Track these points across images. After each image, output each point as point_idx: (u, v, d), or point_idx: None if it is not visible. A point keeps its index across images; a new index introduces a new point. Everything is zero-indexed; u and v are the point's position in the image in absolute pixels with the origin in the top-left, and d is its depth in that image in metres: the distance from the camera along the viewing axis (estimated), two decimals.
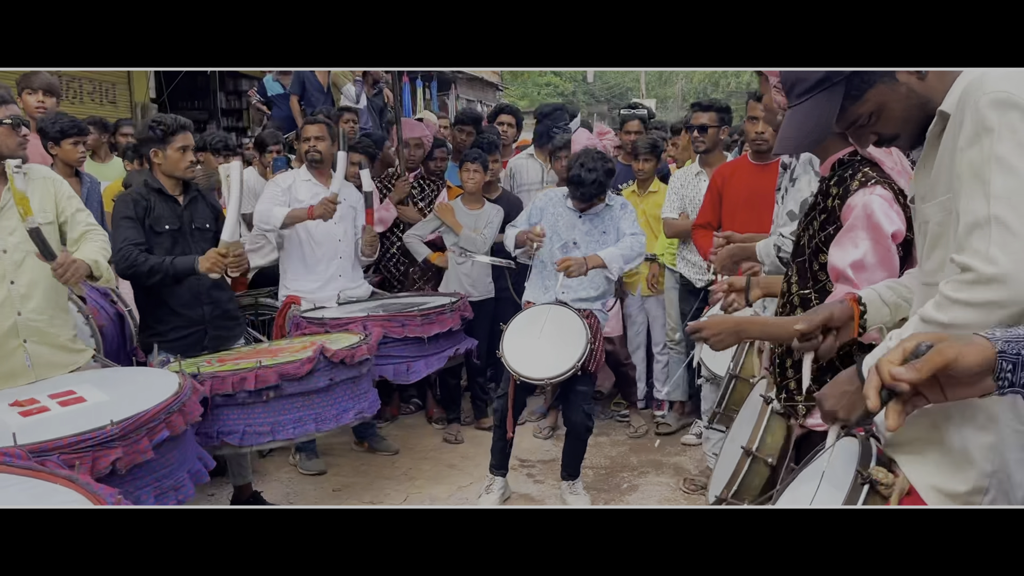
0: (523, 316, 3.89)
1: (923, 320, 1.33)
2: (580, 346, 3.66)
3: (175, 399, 2.51)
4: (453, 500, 4.05)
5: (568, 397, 3.88)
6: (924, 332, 1.25)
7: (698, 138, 4.42)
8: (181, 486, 2.51)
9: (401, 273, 5.24)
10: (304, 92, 7.33)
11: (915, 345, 1.12)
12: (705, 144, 4.41)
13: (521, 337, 3.77)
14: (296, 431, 3.11)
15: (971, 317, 1.25)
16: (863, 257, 1.93)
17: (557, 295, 3.88)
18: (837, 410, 1.49)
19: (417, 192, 5.24)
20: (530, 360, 3.68)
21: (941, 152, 1.39)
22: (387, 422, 5.18)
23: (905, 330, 1.38)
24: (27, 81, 4.48)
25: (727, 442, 2.39)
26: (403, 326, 3.89)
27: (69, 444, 2.16)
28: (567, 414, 3.92)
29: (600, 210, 4.00)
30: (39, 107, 4.39)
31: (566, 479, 3.98)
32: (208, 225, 3.58)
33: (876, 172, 2.01)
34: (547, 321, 3.79)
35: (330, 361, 3.13)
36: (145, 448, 2.33)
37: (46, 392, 2.63)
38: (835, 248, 2.00)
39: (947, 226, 1.39)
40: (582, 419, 3.85)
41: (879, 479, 1.36)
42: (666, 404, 5.04)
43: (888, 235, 1.93)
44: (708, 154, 4.44)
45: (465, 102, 15.63)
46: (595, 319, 3.91)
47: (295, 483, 4.32)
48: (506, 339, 3.77)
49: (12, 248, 2.75)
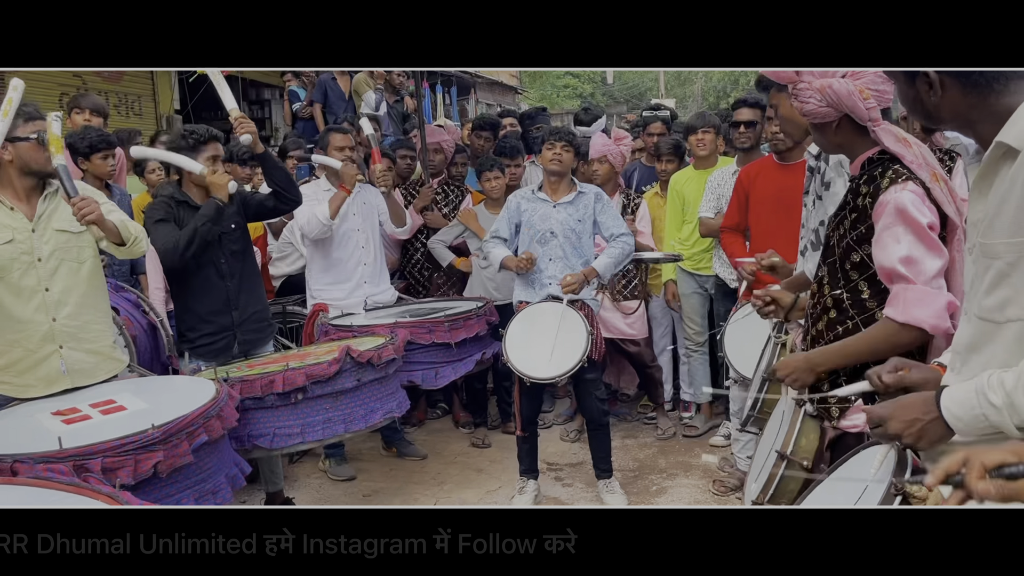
0: (520, 318, 3.89)
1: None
2: (582, 338, 3.70)
3: (213, 404, 2.57)
4: (482, 503, 4.06)
5: (579, 388, 3.94)
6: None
7: (744, 134, 4.33)
8: (219, 490, 2.56)
9: (426, 279, 5.26)
10: (326, 100, 7.39)
11: (1018, 462, 1.10)
12: (751, 140, 4.34)
13: (522, 339, 3.80)
14: (326, 432, 3.15)
15: None
16: (909, 252, 1.91)
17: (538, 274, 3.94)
18: (902, 435, 1.42)
19: (441, 198, 5.27)
20: (536, 361, 3.72)
21: (1009, 186, 1.32)
22: (414, 427, 5.20)
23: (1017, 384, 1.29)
24: (76, 101, 4.56)
25: (760, 445, 2.38)
26: (430, 332, 3.92)
27: (112, 448, 2.23)
28: (581, 405, 3.99)
29: (573, 198, 4.00)
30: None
31: (601, 477, 4.01)
32: (234, 225, 3.62)
33: (906, 169, 2.00)
34: (545, 320, 3.82)
35: (357, 362, 3.17)
36: (185, 452, 2.39)
37: (86, 402, 2.69)
38: (877, 248, 1.98)
39: (1019, 272, 1.32)
40: (596, 406, 3.90)
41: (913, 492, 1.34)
42: (693, 406, 5.02)
43: (925, 227, 1.91)
44: (751, 152, 4.36)
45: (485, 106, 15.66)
46: (589, 308, 3.94)
47: (325, 489, 4.36)
48: (508, 343, 3.79)
49: (47, 256, 2.82)
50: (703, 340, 4.80)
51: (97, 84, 7.62)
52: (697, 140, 4.66)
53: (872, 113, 2.03)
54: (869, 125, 2.04)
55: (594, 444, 4.02)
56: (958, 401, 1.36)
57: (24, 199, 2.83)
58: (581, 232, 3.97)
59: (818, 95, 2.04)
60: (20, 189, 2.82)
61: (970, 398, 1.33)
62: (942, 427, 1.37)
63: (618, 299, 4.75)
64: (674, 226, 4.79)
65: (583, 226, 3.99)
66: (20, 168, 2.79)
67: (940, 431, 1.38)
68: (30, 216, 2.82)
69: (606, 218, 4.01)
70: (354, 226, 4.38)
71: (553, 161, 3.94)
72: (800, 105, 2.09)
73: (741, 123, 4.32)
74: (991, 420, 1.30)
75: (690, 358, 4.90)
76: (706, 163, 4.68)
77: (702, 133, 4.65)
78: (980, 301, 1.40)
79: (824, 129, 2.12)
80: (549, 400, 5.04)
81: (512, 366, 3.72)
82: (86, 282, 2.90)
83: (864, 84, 2.01)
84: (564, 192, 4.01)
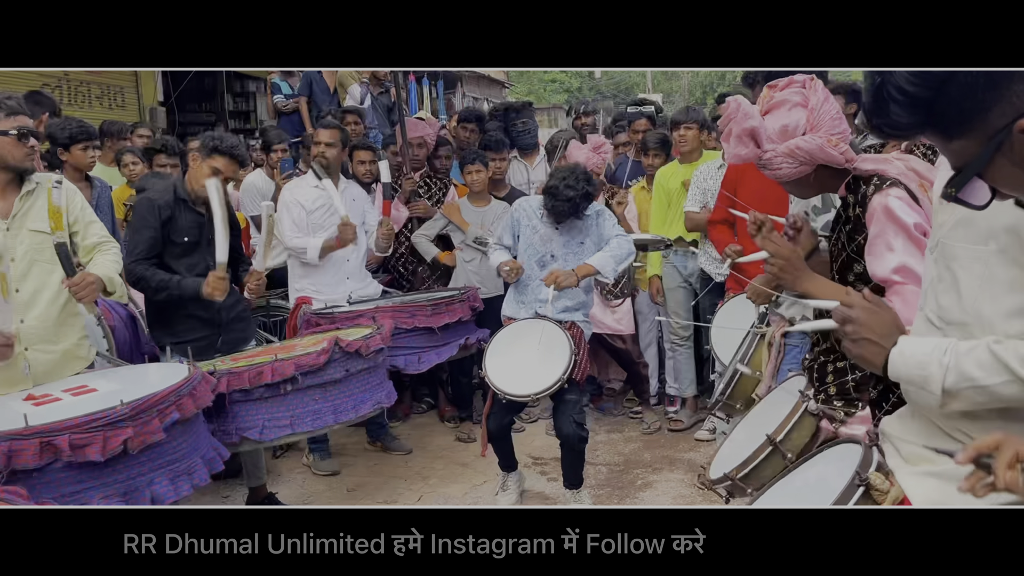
0: (504, 333, 3.81)
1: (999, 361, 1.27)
2: (564, 358, 3.59)
3: (185, 383, 2.56)
4: (467, 499, 4.06)
5: (558, 408, 3.75)
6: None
7: None
8: (195, 470, 2.54)
9: (410, 272, 5.24)
10: (312, 94, 7.34)
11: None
12: None
13: (504, 354, 3.70)
14: (315, 423, 3.13)
15: None
16: (902, 260, 1.91)
17: (539, 309, 3.81)
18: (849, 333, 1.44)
19: (424, 191, 5.24)
20: (515, 377, 3.61)
21: None
22: (399, 421, 5.18)
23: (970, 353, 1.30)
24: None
25: (743, 424, 2.37)
26: (412, 316, 3.90)
27: (80, 424, 2.21)
28: (558, 426, 3.74)
29: (576, 221, 3.90)
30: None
31: (569, 488, 3.88)
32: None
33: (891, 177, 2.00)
34: (529, 336, 3.73)
35: (345, 352, 3.14)
36: (156, 428, 2.37)
37: (59, 388, 2.68)
38: (870, 258, 1.98)
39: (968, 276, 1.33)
40: (574, 429, 3.68)
41: (875, 484, 1.38)
42: (678, 400, 5.03)
43: (912, 227, 1.91)
44: None
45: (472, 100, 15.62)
46: (578, 329, 3.84)
47: (309, 483, 4.33)
48: (489, 357, 3.70)
49: (20, 257, 2.78)
50: (688, 335, 4.81)
51: (80, 75, 7.54)
52: (680, 136, 4.66)
53: (847, 155, 2.03)
54: (847, 167, 2.05)
55: (566, 460, 3.83)
56: (914, 345, 1.38)
57: (0, 194, 2.78)
58: (581, 254, 3.87)
59: (789, 159, 2.03)
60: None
61: (926, 348, 1.36)
62: (881, 358, 1.40)
63: (608, 298, 4.75)
64: (659, 220, 4.79)
65: (585, 249, 3.89)
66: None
67: (877, 359, 1.41)
68: (5, 214, 2.77)
69: (604, 228, 3.91)
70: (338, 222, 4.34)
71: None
72: (774, 173, 2.08)
73: None
74: (927, 371, 1.33)
75: (675, 352, 4.91)
76: (690, 158, 4.68)
77: (684, 129, 4.65)
78: (938, 300, 1.41)
79: (801, 182, 2.11)
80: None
81: (489, 380, 3.61)
82: (57, 283, 2.84)
83: (826, 133, 2.02)
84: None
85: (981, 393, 1.29)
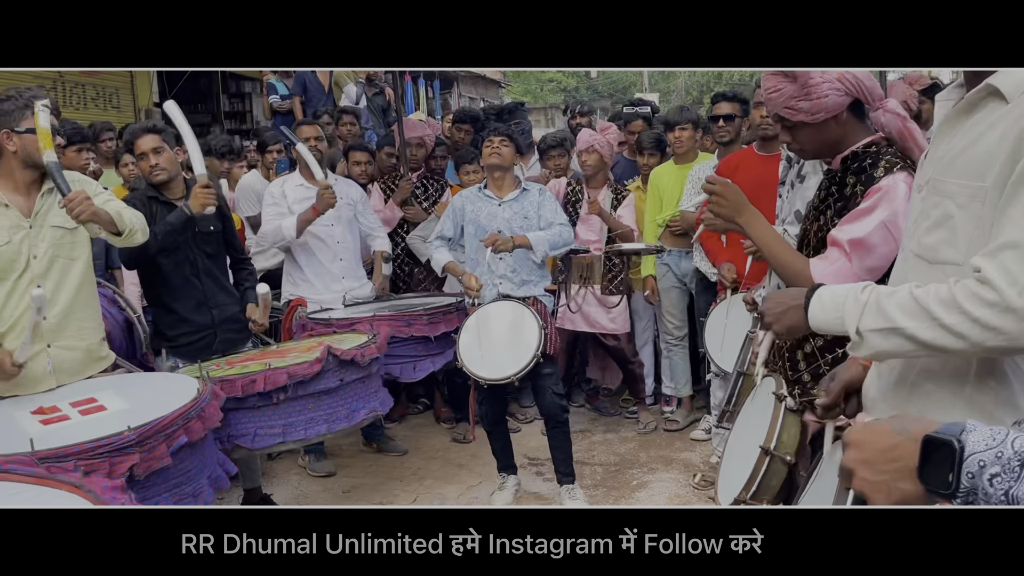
0: (471, 320, 3.82)
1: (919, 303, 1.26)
2: (534, 335, 3.64)
3: (193, 405, 2.50)
4: (463, 500, 4.06)
5: (536, 385, 3.81)
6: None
7: (723, 127, 4.32)
8: (200, 492, 2.50)
9: (406, 274, 5.23)
10: (306, 93, 7.34)
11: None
12: (730, 134, 4.33)
13: (475, 341, 3.72)
14: (308, 432, 3.10)
15: (971, 334, 1.20)
16: (864, 237, 1.92)
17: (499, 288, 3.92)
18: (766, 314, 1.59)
19: (420, 192, 5.24)
20: (490, 362, 3.63)
21: (984, 130, 1.29)
22: (395, 423, 5.18)
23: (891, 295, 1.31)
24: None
25: (732, 439, 2.37)
26: (409, 325, 3.89)
27: (86, 450, 2.17)
28: (540, 402, 3.82)
29: (518, 195, 4.01)
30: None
31: (563, 483, 3.88)
32: (212, 228, 3.58)
33: (899, 159, 1.99)
34: (496, 320, 3.77)
35: (340, 361, 3.13)
36: (163, 454, 2.32)
37: (67, 400, 2.64)
38: (845, 222, 1.98)
39: (966, 215, 1.30)
40: (555, 401, 3.75)
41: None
42: (674, 400, 5.03)
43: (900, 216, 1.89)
44: (730, 146, 4.34)
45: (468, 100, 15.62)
46: (541, 304, 3.91)
47: (305, 485, 4.33)
48: (461, 345, 3.71)
49: (41, 255, 2.78)
50: (683, 334, 4.81)
51: (74, 76, 7.52)
52: (675, 137, 4.65)
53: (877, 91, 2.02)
54: (878, 104, 2.02)
55: (553, 444, 3.87)
56: (830, 289, 1.43)
57: (24, 192, 2.79)
58: (528, 230, 3.95)
59: (838, 85, 1.96)
60: (20, 182, 2.78)
61: (842, 289, 1.39)
62: (801, 315, 1.46)
63: (604, 295, 4.75)
64: (652, 220, 4.79)
65: (530, 223, 3.98)
66: (23, 160, 2.75)
67: (798, 318, 1.47)
68: (27, 211, 2.77)
69: (546, 211, 4.01)
70: (331, 221, 4.34)
71: (492, 155, 3.95)
72: (815, 103, 1.98)
73: (720, 117, 4.32)
74: (842, 311, 1.36)
75: (671, 352, 4.91)
76: (686, 159, 4.68)
77: (679, 130, 4.63)
78: (920, 238, 1.40)
79: (825, 125, 2.02)
80: (529, 395, 5.03)
81: (466, 369, 3.63)
82: (77, 279, 2.85)
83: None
84: (509, 189, 4.04)
85: (899, 335, 1.28)
